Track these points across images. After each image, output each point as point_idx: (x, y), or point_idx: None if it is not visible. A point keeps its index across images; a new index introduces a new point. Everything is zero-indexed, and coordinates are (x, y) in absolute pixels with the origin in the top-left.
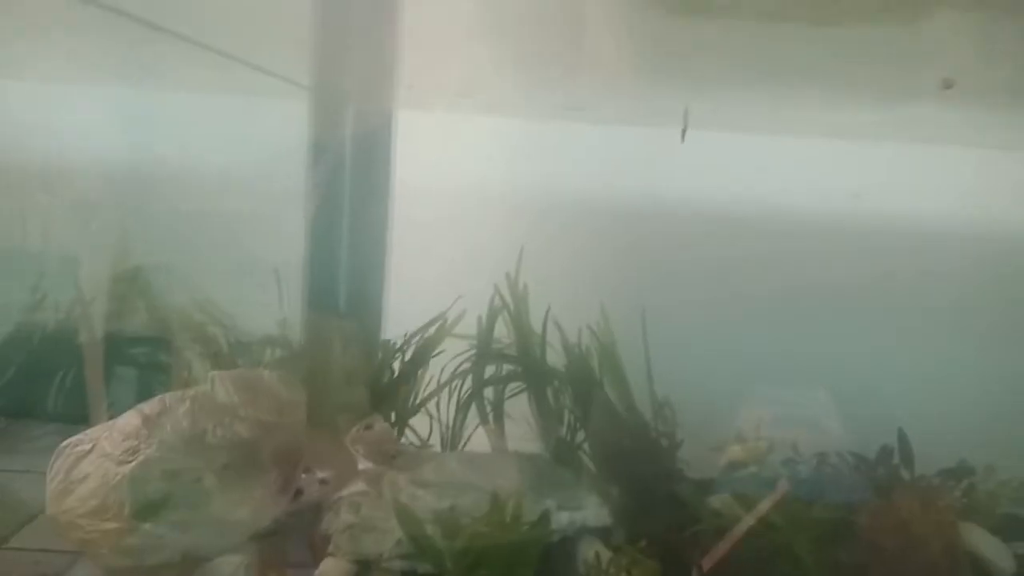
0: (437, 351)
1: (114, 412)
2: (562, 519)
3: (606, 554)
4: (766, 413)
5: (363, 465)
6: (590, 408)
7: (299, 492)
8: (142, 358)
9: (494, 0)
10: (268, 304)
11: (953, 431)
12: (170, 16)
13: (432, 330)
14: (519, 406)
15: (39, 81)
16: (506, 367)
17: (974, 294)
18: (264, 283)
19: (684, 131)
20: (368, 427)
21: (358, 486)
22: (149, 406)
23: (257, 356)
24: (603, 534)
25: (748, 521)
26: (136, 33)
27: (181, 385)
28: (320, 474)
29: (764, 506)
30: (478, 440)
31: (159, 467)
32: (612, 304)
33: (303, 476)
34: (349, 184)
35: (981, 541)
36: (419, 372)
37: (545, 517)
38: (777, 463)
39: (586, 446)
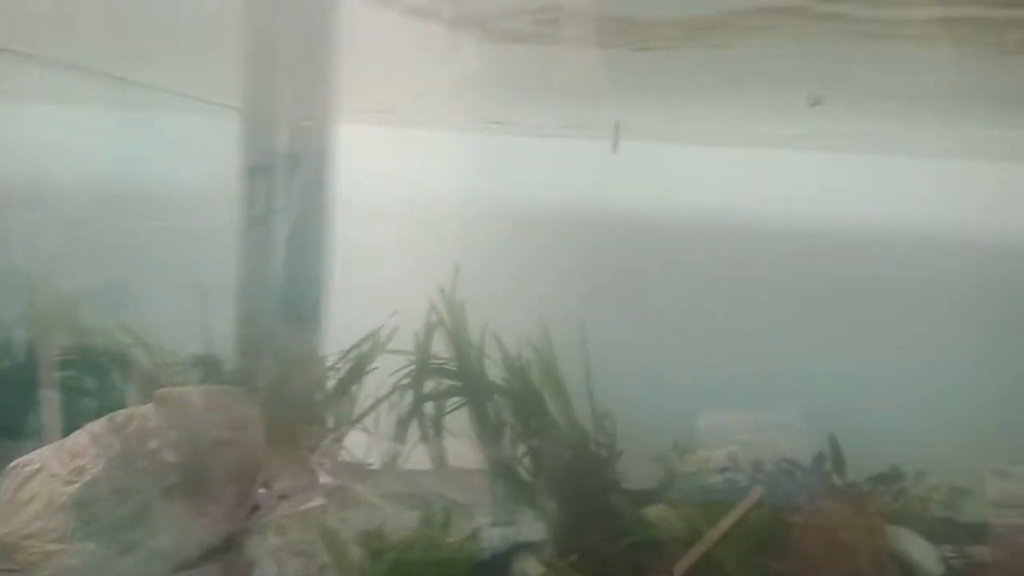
0: (372, 367)
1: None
2: (495, 535)
3: (538, 569)
4: (734, 421)
5: (324, 480)
6: (530, 422)
7: (256, 508)
8: (70, 381)
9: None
10: (199, 323)
11: (889, 433)
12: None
13: (367, 346)
14: (462, 421)
15: None
16: (446, 382)
17: (906, 296)
18: (196, 302)
19: (616, 142)
20: (338, 440)
21: (316, 501)
22: (99, 425)
23: (185, 376)
24: (538, 549)
25: (721, 528)
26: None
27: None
28: (279, 489)
29: (737, 512)
30: (420, 457)
31: (104, 487)
32: (553, 316)
33: (261, 492)
34: (287, 200)
35: (910, 544)
36: (353, 388)
37: (474, 534)
38: (714, 472)
39: (526, 460)
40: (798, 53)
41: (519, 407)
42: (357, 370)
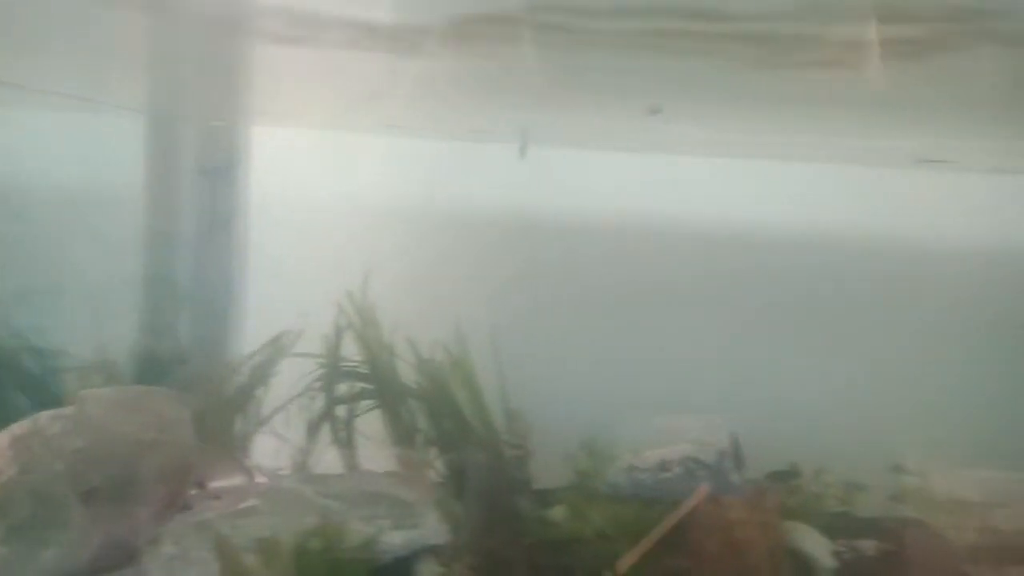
0: (277, 371)
1: None
2: (396, 539)
3: (435, 572)
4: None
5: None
6: (442, 424)
7: (186, 508)
8: None
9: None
10: (97, 327)
11: (794, 432)
12: None
13: (272, 349)
14: (375, 424)
15: None
16: (357, 385)
17: (807, 296)
18: (94, 306)
19: (523, 147)
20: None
21: (249, 501)
22: (20, 427)
23: (82, 382)
24: (442, 551)
25: (667, 524)
26: None
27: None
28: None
29: (684, 509)
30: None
31: (19, 490)
32: (466, 319)
33: (194, 492)
34: (196, 202)
35: (805, 539)
36: (259, 392)
37: (371, 539)
38: (620, 471)
39: (437, 463)
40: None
41: (431, 409)
42: (261, 374)
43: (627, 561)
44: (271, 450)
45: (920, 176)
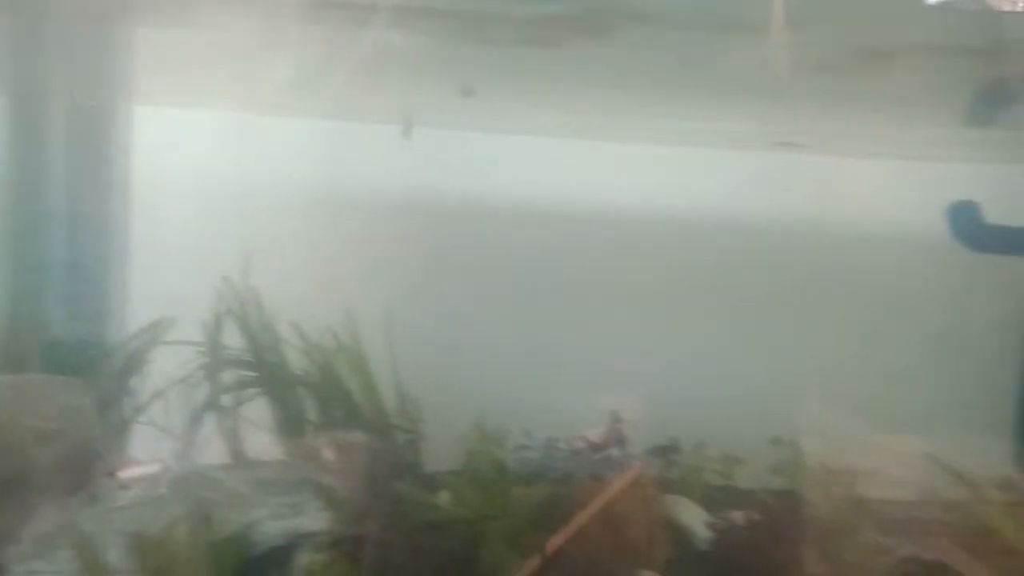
0: (156, 359)
1: None
2: (273, 528)
3: (312, 559)
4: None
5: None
6: (331, 410)
7: (93, 498)
8: None
9: None
10: None
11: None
12: None
13: (147, 336)
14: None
15: None
16: (241, 372)
17: (691, 277)
18: None
19: (407, 128)
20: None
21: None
22: None
23: None
24: (323, 538)
25: (598, 503)
26: None
27: None
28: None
29: (616, 487)
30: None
31: None
32: (357, 303)
33: (105, 479)
34: (66, 183)
35: (683, 511)
36: (133, 381)
37: (242, 530)
38: (509, 451)
39: (326, 449)
40: None
41: (320, 396)
42: (134, 362)
43: (556, 541)
44: (152, 440)
45: (778, 159)
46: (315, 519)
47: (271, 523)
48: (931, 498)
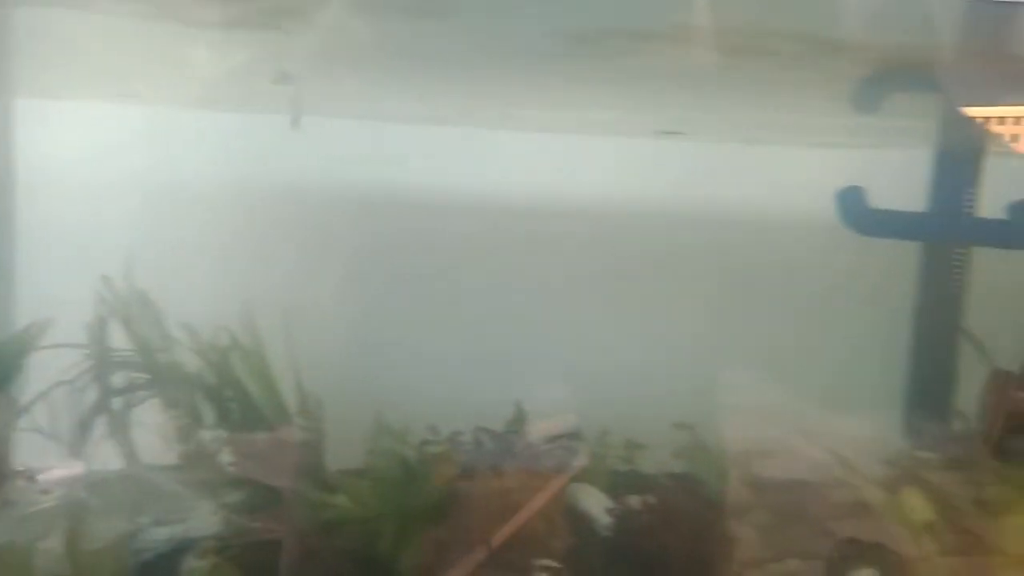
0: (36, 362)
1: None
2: (159, 534)
3: (199, 565)
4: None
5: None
6: (228, 411)
7: (7, 503)
8: None
9: None
10: None
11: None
12: None
13: (26, 338)
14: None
15: None
16: (129, 374)
17: (589, 263)
18: None
19: (296, 118)
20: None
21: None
22: None
23: None
24: (210, 543)
25: (541, 498)
26: None
27: None
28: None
29: (558, 483)
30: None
31: None
32: (262, 298)
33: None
34: None
35: (585, 498)
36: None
37: (122, 538)
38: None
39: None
40: None
41: (215, 396)
42: (12, 365)
43: (501, 536)
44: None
45: (662, 147)
46: (204, 524)
47: (157, 529)
48: (825, 476)
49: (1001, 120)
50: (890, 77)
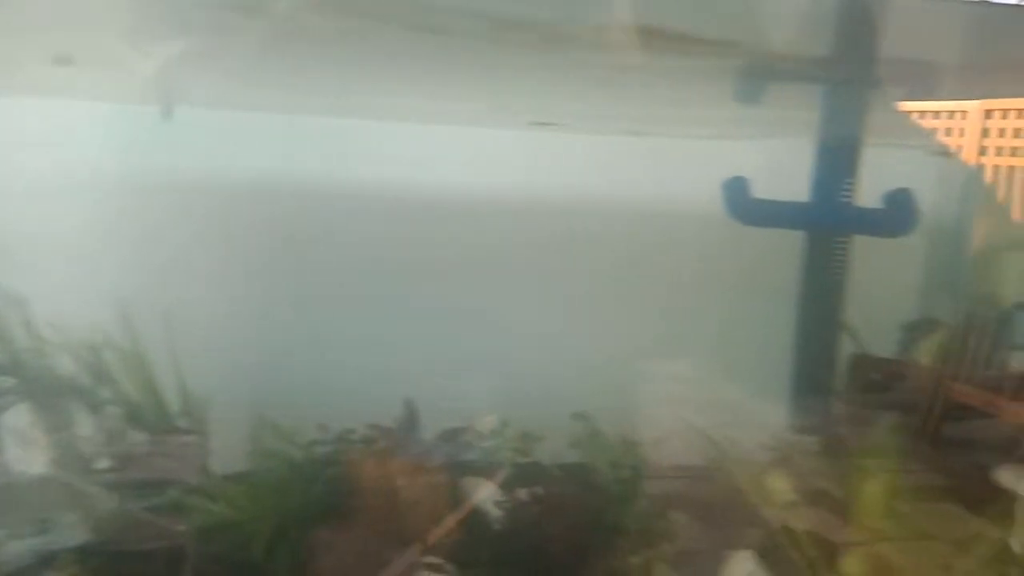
0: None
1: None
2: (17, 548)
3: None
4: None
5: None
6: (105, 414)
7: None
8: None
9: None
10: None
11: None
12: None
13: None
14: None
15: None
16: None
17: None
18: None
19: (167, 109)
20: None
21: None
22: None
23: None
24: (71, 555)
25: (473, 502)
26: None
27: None
28: None
29: (484, 490)
30: None
31: None
32: (139, 296)
33: None
34: None
35: (476, 491)
36: None
37: None
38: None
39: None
40: None
41: (91, 399)
42: None
43: (435, 535)
44: None
45: (533, 138)
46: (68, 535)
47: (13, 544)
48: (710, 464)
49: (882, 111)
50: (768, 70)
